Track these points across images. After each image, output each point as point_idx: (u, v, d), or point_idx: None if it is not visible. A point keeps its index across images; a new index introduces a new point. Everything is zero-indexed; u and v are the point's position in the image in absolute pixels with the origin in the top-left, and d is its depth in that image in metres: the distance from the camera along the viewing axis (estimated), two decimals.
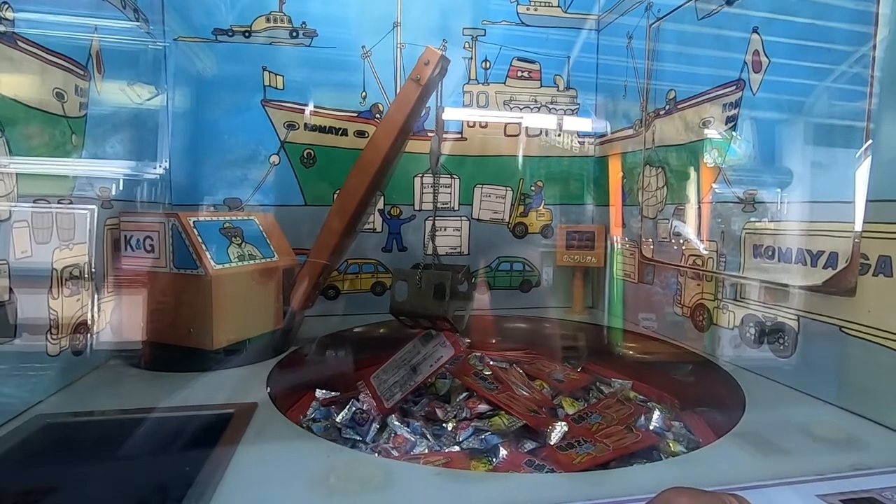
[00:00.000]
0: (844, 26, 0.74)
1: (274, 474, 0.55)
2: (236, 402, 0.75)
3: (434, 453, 0.75)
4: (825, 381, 0.77)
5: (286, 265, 1.04)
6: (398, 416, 0.83)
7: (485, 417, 0.84)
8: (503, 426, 0.80)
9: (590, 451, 0.74)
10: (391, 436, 0.79)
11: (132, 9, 1.02)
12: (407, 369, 0.89)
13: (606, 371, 1.11)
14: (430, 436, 0.79)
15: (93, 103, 0.87)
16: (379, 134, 0.96)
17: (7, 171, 0.66)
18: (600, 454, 0.73)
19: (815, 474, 0.55)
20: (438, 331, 0.92)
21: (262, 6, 1.26)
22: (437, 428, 0.82)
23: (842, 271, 0.73)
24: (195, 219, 0.91)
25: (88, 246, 0.85)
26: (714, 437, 0.75)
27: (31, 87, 0.71)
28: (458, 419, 0.83)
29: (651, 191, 1.21)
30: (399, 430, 0.79)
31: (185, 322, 0.89)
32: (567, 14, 1.42)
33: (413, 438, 0.77)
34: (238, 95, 1.27)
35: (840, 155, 0.76)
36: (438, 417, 0.84)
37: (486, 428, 0.80)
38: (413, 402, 0.91)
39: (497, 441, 0.76)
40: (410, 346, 0.94)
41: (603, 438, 0.78)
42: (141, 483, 0.56)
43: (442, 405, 0.88)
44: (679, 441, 0.80)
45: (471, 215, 1.42)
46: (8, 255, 0.66)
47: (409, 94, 0.91)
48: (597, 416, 0.89)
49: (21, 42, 0.68)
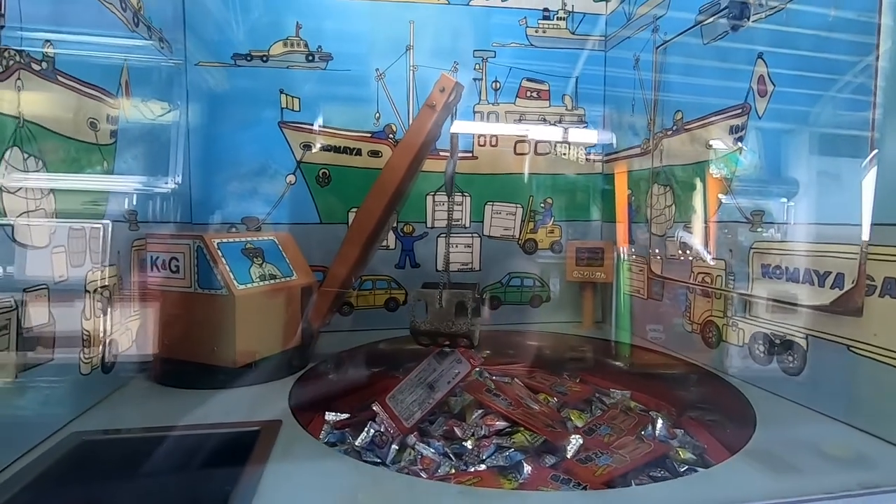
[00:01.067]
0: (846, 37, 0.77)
1: (305, 493, 0.57)
2: (260, 419, 0.77)
3: (462, 473, 0.76)
4: (835, 398, 0.78)
5: (304, 283, 1.07)
6: (418, 437, 0.85)
7: (504, 434, 0.86)
8: (526, 442, 0.82)
9: (608, 462, 0.77)
10: (417, 457, 0.79)
11: (158, 38, 1.06)
12: (424, 388, 0.91)
13: (607, 383, 1.13)
14: (451, 455, 0.80)
15: (121, 130, 0.90)
16: (395, 157, 0.99)
17: (48, 198, 0.70)
18: (619, 465, 0.76)
19: (826, 493, 0.57)
20: (453, 348, 0.94)
21: (279, 31, 1.30)
22: (457, 447, 0.83)
23: (848, 292, 0.75)
24: (219, 240, 0.94)
25: (118, 267, 0.89)
26: (724, 451, 0.77)
27: (68, 119, 0.75)
28: (476, 437, 0.85)
29: (659, 208, 1.23)
30: (425, 451, 0.80)
31: (208, 340, 0.91)
32: (575, 35, 1.46)
33: (437, 459, 0.79)
34: (255, 115, 1.31)
35: (846, 176, 0.78)
36: (457, 436, 0.86)
37: (508, 445, 0.82)
38: (429, 422, 0.93)
39: (520, 457, 0.78)
40: (426, 364, 0.96)
41: (618, 450, 0.81)
42: (178, 500, 0.58)
43: (459, 423, 0.90)
44: (685, 448, 0.82)
45: (482, 232, 1.45)
46: (49, 278, 0.69)
47: (424, 119, 0.95)
48: (605, 428, 0.91)
49: (61, 77, 0.72)
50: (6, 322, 0.60)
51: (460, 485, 0.67)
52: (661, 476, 0.75)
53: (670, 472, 0.76)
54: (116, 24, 0.88)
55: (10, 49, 0.61)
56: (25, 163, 0.64)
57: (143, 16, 0.98)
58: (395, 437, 0.84)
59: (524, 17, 1.43)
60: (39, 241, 0.68)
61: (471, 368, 0.91)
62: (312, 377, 1.01)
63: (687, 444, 0.85)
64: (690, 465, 0.77)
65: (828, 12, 0.79)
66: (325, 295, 1.04)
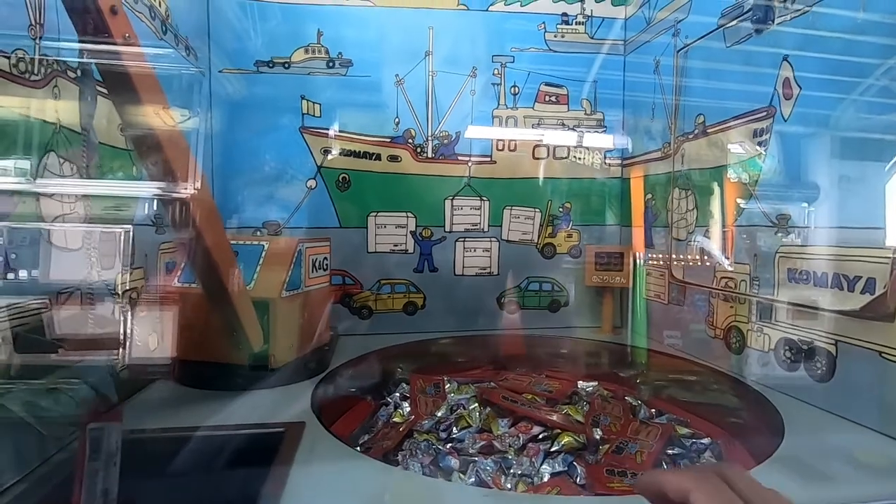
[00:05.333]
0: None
1: (330, 493, 0.58)
2: (285, 420, 0.78)
3: (540, 485, 0.75)
4: (866, 406, 0.77)
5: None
6: (455, 454, 0.82)
7: (544, 439, 0.86)
8: (575, 443, 0.83)
9: (637, 448, 0.84)
10: (480, 471, 0.78)
11: (184, 46, 1.08)
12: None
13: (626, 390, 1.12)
14: (504, 468, 0.79)
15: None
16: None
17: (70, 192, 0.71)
18: (646, 448, 0.84)
19: (860, 501, 0.55)
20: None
21: (301, 38, 1.32)
22: (502, 459, 0.81)
23: (880, 297, 0.73)
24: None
25: (145, 270, 0.90)
26: (752, 460, 0.76)
27: (101, 126, 0.77)
28: (513, 447, 0.84)
29: (681, 213, 1.22)
30: (490, 467, 0.78)
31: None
32: (594, 40, 1.46)
33: (497, 473, 0.77)
34: (276, 121, 1.32)
35: (874, 179, 0.77)
36: (498, 449, 0.84)
37: (558, 448, 0.82)
38: (459, 440, 0.88)
39: (570, 459, 0.79)
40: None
41: (635, 435, 0.89)
42: (208, 498, 0.59)
43: (491, 436, 0.88)
44: (680, 424, 0.92)
45: (500, 236, 1.45)
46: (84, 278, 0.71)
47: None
48: (605, 418, 0.96)
49: (97, 86, 0.74)
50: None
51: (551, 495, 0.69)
52: (678, 453, 0.85)
53: (684, 448, 0.85)
54: (146, 32, 0.90)
55: (48, 57, 0.63)
56: (62, 167, 0.66)
57: (170, 24, 1.00)
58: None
59: (543, 22, 1.43)
60: (73, 244, 0.69)
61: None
62: (333, 379, 1.01)
63: (673, 420, 0.96)
64: (693, 438, 0.88)
65: (855, 15, 0.79)
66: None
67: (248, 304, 0.87)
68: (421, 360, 1.20)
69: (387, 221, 1.38)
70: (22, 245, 0.62)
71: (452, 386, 1.07)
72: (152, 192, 1.01)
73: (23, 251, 0.62)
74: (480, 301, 1.43)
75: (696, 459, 0.84)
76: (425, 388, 1.06)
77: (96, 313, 0.76)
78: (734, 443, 0.86)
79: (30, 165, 0.63)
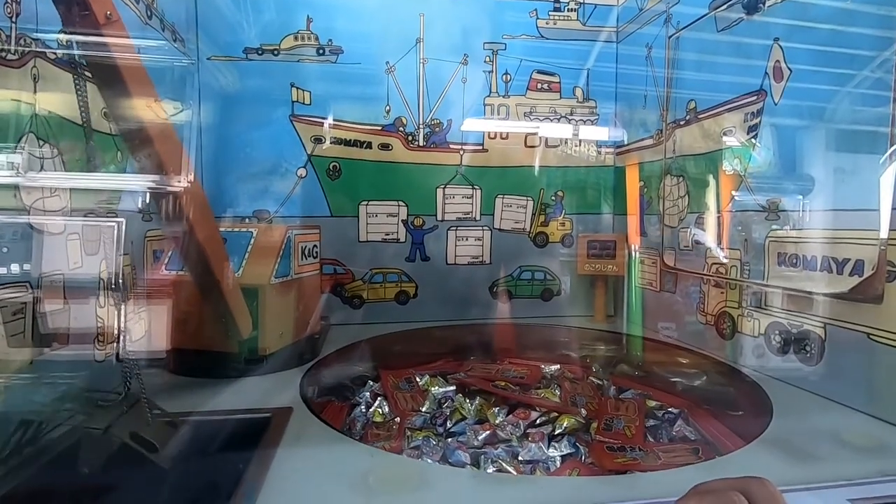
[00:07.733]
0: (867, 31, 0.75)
1: (314, 475, 0.57)
2: (272, 406, 0.78)
3: (556, 470, 0.75)
4: (854, 388, 0.77)
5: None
6: (463, 448, 0.80)
7: (543, 424, 0.86)
8: (575, 424, 0.84)
9: (623, 424, 0.85)
10: (497, 461, 0.77)
11: (170, 31, 1.07)
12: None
13: (628, 381, 1.12)
14: (513, 456, 0.78)
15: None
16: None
17: (62, 186, 0.70)
18: (631, 423, 0.85)
19: (846, 479, 0.55)
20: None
21: (290, 25, 1.30)
22: (509, 448, 0.80)
23: (869, 278, 0.73)
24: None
25: (131, 257, 0.89)
26: (741, 442, 0.76)
27: None
28: (515, 434, 0.84)
29: (672, 200, 1.22)
30: (503, 456, 0.78)
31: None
32: (586, 27, 1.45)
33: (514, 462, 0.77)
34: (265, 109, 1.31)
35: (864, 161, 0.76)
36: (501, 437, 0.84)
37: (561, 431, 0.83)
38: (458, 433, 0.87)
39: (573, 440, 0.80)
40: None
41: (615, 412, 0.91)
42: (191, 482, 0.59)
43: (491, 426, 0.87)
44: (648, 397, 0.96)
45: (492, 225, 1.44)
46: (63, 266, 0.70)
47: None
48: (581, 398, 0.97)
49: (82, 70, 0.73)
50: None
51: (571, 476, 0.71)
52: (656, 424, 0.88)
53: (657, 419, 0.90)
54: (130, 17, 0.89)
55: (27, 37, 0.62)
56: (41, 149, 0.65)
57: (155, 10, 0.99)
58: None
59: (534, 10, 1.42)
60: (55, 228, 0.69)
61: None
62: (322, 367, 1.01)
63: (639, 394, 1.01)
64: (664, 409, 0.93)
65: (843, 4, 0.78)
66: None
67: (238, 292, 0.87)
68: (380, 357, 1.15)
69: (378, 210, 1.37)
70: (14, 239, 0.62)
71: (424, 380, 1.04)
72: (145, 186, 1.02)
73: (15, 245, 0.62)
74: (473, 290, 1.43)
75: (670, 428, 0.87)
76: (398, 383, 1.03)
77: (87, 306, 0.75)
78: (721, 425, 0.86)
79: (21, 160, 0.62)
